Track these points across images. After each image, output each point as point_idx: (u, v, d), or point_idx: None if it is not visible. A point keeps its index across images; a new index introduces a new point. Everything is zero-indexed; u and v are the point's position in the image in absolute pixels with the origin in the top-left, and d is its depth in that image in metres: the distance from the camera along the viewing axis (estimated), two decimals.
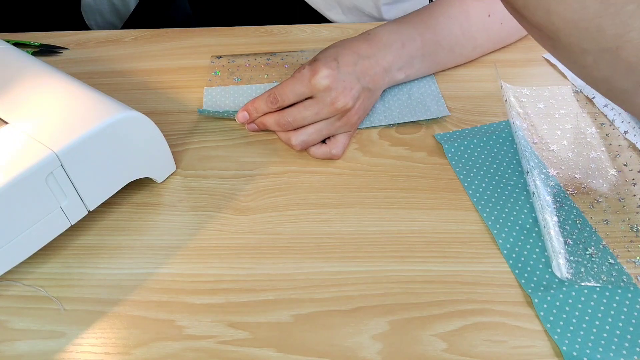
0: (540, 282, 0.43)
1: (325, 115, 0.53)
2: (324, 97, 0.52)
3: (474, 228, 0.48)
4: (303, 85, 0.52)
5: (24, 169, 0.41)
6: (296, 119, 0.53)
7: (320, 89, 0.52)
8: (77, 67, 0.68)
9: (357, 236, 0.48)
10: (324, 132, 0.54)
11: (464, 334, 0.41)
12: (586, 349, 0.39)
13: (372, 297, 0.43)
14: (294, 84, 0.53)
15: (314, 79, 0.52)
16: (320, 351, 0.40)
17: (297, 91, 0.53)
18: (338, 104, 0.52)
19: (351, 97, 0.53)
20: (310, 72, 0.52)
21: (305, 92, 0.53)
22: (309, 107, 0.53)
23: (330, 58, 0.54)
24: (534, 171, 0.51)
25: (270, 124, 0.55)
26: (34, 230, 0.43)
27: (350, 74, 0.53)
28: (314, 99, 0.53)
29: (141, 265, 0.46)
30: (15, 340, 0.42)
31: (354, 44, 0.56)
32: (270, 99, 0.54)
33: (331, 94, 0.52)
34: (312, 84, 0.52)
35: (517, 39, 0.69)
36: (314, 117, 0.53)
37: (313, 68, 0.53)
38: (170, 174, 0.54)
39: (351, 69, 0.54)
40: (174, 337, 0.41)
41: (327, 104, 0.52)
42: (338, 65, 0.53)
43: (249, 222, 0.49)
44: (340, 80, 0.52)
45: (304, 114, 0.53)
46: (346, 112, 0.53)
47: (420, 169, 0.53)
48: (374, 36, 0.57)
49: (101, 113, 0.46)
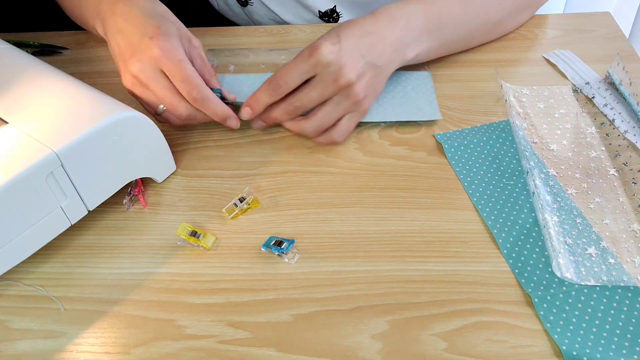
0: (540, 281, 0.43)
1: (331, 93, 0.52)
2: (327, 74, 0.51)
3: (473, 228, 0.48)
4: (305, 63, 0.51)
5: (24, 169, 0.41)
6: (303, 103, 0.52)
7: (322, 64, 0.50)
8: (77, 67, 0.68)
9: (357, 236, 0.48)
10: (332, 114, 0.53)
11: (464, 334, 0.41)
12: (586, 349, 0.39)
13: (372, 297, 0.43)
14: (295, 64, 0.51)
15: (315, 54, 0.50)
16: (320, 351, 0.40)
17: (299, 70, 0.51)
18: (342, 80, 0.51)
19: (355, 73, 0.51)
20: (311, 49, 0.51)
21: (308, 70, 0.51)
22: (313, 87, 0.51)
23: (333, 34, 0.52)
24: (534, 171, 0.51)
25: (278, 115, 0.54)
26: (34, 230, 0.43)
27: (353, 49, 0.52)
28: (317, 77, 0.51)
29: (141, 265, 0.46)
30: (15, 340, 0.42)
31: (359, 20, 0.55)
32: (272, 86, 0.52)
33: (334, 69, 0.50)
34: (314, 59, 0.50)
35: (512, 27, 0.69)
36: (320, 97, 0.52)
37: (314, 45, 0.51)
38: (170, 173, 0.54)
39: (353, 43, 0.52)
40: (174, 336, 0.42)
41: (331, 81, 0.51)
42: (340, 40, 0.51)
43: (249, 222, 0.49)
44: (343, 55, 0.51)
45: (310, 96, 0.52)
46: (351, 89, 0.52)
47: (420, 169, 0.53)
48: (378, 13, 0.56)
49: (101, 113, 0.46)
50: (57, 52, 0.70)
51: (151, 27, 0.50)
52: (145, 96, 0.52)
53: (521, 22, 0.70)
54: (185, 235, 0.46)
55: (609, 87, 0.60)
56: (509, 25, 0.68)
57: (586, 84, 0.61)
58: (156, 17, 0.52)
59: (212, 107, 0.52)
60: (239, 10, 0.82)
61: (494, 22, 0.66)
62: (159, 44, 0.49)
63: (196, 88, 0.50)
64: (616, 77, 0.60)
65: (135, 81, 0.51)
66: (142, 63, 0.50)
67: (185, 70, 0.50)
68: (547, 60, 0.65)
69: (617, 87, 0.59)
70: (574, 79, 0.62)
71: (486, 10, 0.64)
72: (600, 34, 0.68)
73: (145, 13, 0.52)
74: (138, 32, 0.50)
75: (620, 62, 0.59)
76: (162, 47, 0.49)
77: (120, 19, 0.52)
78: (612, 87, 0.60)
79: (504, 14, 0.66)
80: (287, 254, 0.46)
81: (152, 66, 0.50)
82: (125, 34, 0.51)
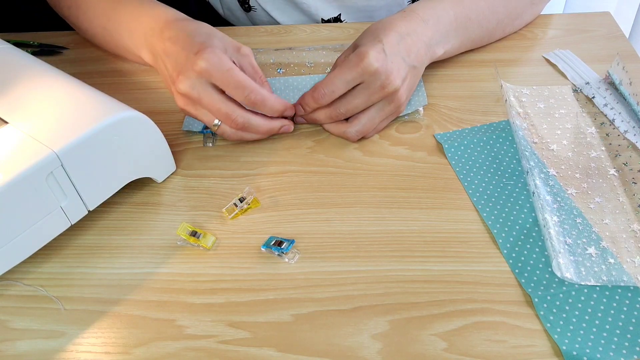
0: (540, 281, 0.43)
1: (376, 99, 0.53)
2: (373, 82, 0.51)
3: (473, 228, 0.48)
4: (352, 72, 0.51)
5: (24, 169, 0.41)
6: (348, 110, 0.53)
7: (369, 72, 0.51)
8: (77, 67, 0.68)
9: (357, 236, 0.48)
10: (376, 119, 0.54)
11: (464, 334, 0.41)
12: (586, 349, 0.39)
13: (372, 297, 0.43)
14: (342, 73, 0.52)
15: (362, 63, 0.50)
16: (320, 351, 0.40)
17: (346, 79, 0.51)
18: (389, 87, 0.52)
19: (400, 79, 0.52)
20: (358, 58, 0.51)
21: (355, 78, 0.51)
22: (359, 95, 0.52)
23: (375, 40, 0.52)
24: (534, 171, 0.51)
25: (321, 118, 0.55)
26: (34, 230, 0.43)
27: (396, 55, 0.52)
28: (363, 84, 0.52)
29: (141, 265, 0.46)
30: (15, 340, 0.42)
31: (393, 22, 0.55)
32: (318, 94, 0.53)
33: (381, 78, 0.51)
34: (361, 68, 0.51)
35: (530, 18, 0.70)
36: (365, 104, 0.53)
37: (360, 53, 0.51)
38: (170, 173, 0.54)
39: (396, 49, 0.53)
40: (174, 336, 0.42)
41: (377, 88, 0.52)
42: (383, 46, 0.52)
43: (249, 222, 0.49)
44: (389, 62, 0.51)
45: (355, 103, 0.53)
46: (396, 94, 0.53)
47: (420, 169, 0.53)
48: (410, 13, 0.57)
49: (101, 113, 0.46)
50: (57, 52, 0.70)
51: (196, 45, 0.50)
52: (200, 114, 0.52)
53: (537, 14, 0.71)
54: (185, 235, 0.46)
55: (609, 87, 0.60)
56: (527, 17, 0.69)
57: (586, 84, 0.61)
58: (201, 35, 0.52)
59: (271, 105, 0.53)
60: (242, 15, 0.82)
61: (514, 15, 0.67)
62: (204, 57, 0.49)
63: (253, 91, 0.50)
64: (616, 77, 0.60)
65: (186, 100, 0.51)
66: (191, 80, 0.49)
67: (237, 77, 0.50)
68: (547, 60, 0.65)
69: (617, 87, 0.59)
70: (574, 79, 0.62)
71: (508, 4, 0.65)
72: (600, 34, 0.68)
73: (190, 34, 0.52)
74: (184, 52, 0.50)
75: (620, 62, 0.59)
76: (208, 60, 0.49)
77: (169, 43, 0.52)
78: (612, 87, 0.60)
79: (524, 6, 0.67)
80: (287, 254, 0.46)
81: (201, 81, 0.50)
82: (172, 56, 0.51)
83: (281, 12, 0.78)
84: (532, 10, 0.69)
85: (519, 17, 0.68)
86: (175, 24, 0.54)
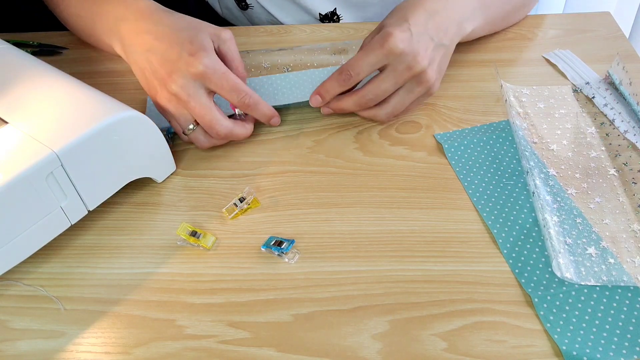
0: (540, 281, 0.43)
1: (404, 81, 0.52)
2: (399, 63, 0.50)
3: (473, 228, 0.48)
4: (376, 54, 0.50)
5: (24, 169, 0.41)
6: (377, 95, 0.52)
7: (395, 54, 0.50)
8: (77, 67, 0.68)
9: (357, 236, 0.48)
10: (406, 101, 0.54)
11: (464, 334, 0.41)
12: (586, 349, 0.39)
13: (372, 297, 0.43)
14: (366, 54, 0.51)
15: (387, 44, 0.50)
16: (320, 351, 0.40)
17: (371, 61, 0.51)
18: (416, 68, 0.51)
19: (427, 59, 0.51)
20: (382, 39, 0.50)
21: (380, 60, 0.51)
22: (386, 78, 0.51)
23: (401, 20, 0.51)
24: (534, 171, 0.51)
25: (349, 107, 0.54)
26: (34, 230, 0.43)
27: (423, 34, 0.51)
28: (389, 67, 0.51)
29: (141, 265, 0.46)
30: (15, 340, 0.42)
31: (421, 1, 0.54)
32: (343, 77, 0.52)
33: (407, 59, 0.50)
34: (386, 49, 0.50)
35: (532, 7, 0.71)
36: (394, 87, 0.52)
37: (384, 34, 0.50)
38: (170, 173, 0.54)
39: (423, 28, 0.52)
40: (174, 336, 0.42)
41: (404, 70, 0.51)
42: (409, 26, 0.51)
43: (249, 222, 0.49)
44: (415, 42, 0.50)
45: (383, 87, 0.52)
46: (424, 75, 0.52)
47: (420, 169, 0.53)
48: None
49: (101, 113, 0.46)
50: (57, 52, 0.70)
51: (187, 44, 0.50)
52: (179, 115, 0.52)
53: (531, 9, 0.71)
54: (185, 235, 0.46)
55: (609, 87, 0.60)
56: (527, 9, 0.70)
57: (586, 84, 0.61)
58: (186, 30, 0.51)
59: (262, 110, 0.54)
60: (240, 14, 0.82)
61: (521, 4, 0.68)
62: (201, 61, 0.49)
63: (247, 95, 0.51)
64: (616, 77, 0.60)
65: (172, 98, 0.51)
66: (185, 80, 0.49)
67: (232, 81, 0.50)
68: (547, 60, 0.65)
69: (617, 87, 0.59)
70: (574, 79, 0.62)
71: None
72: (600, 34, 0.68)
73: (173, 29, 0.51)
74: (173, 50, 0.50)
75: (620, 62, 0.59)
76: (205, 64, 0.49)
77: (149, 37, 0.51)
78: (612, 87, 0.60)
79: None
80: (287, 254, 0.46)
81: (195, 83, 0.49)
82: (158, 52, 0.50)
83: (279, 8, 0.78)
84: (531, 4, 0.70)
85: (525, 6, 0.69)
86: (150, 15, 0.53)
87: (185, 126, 0.52)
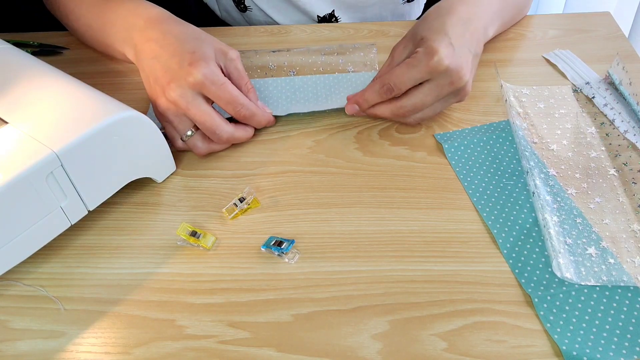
0: (540, 281, 0.43)
1: (445, 95, 0.52)
2: (443, 78, 0.51)
3: (473, 228, 0.48)
4: (420, 70, 0.50)
5: (24, 169, 0.41)
6: (416, 106, 0.52)
7: (439, 71, 0.50)
8: (77, 67, 0.68)
9: (357, 236, 0.48)
10: (438, 110, 0.54)
11: (464, 334, 0.41)
12: (586, 349, 0.39)
13: (372, 297, 0.43)
14: (410, 70, 0.51)
15: (432, 62, 0.50)
16: (320, 351, 0.40)
17: (415, 77, 0.51)
18: (459, 83, 0.51)
19: (469, 72, 0.52)
20: (427, 56, 0.50)
21: (424, 76, 0.51)
22: (429, 93, 0.52)
23: (442, 33, 0.51)
24: (534, 171, 0.51)
25: (384, 114, 0.55)
26: (34, 230, 0.43)
27: (463, 47, 0.52)
28: (431, 82, 0.51)
29: (141, 265, 0.46)
30: (15, 340, 0.42)
31: (454, 7, 0.54)
32: (385, 89, 0.52)
33: (451, 74, 0.50)
34: (431, 67, 0.50)
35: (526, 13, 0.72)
36: (434, 101, 0.52)
37: (428, 50, 0.50)
38: (170, 173, 0.54)
39: (462, 40, 0.52)
40: (174, 336, 0.42)
41: (447, 85, 0.51)
42: (451, 40, 0.51)
43: (249, 222, 0.49)
44: (457, 57, 0.51)
45: (425, 100, 0.52)
46: (464, 88, 0.52)
47: (420, 169, 0.53)
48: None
49: (101, 113, 0.46)
50: (57, 52, 0.70)
51: (188, 54, 0.50)
52: (177, 122, 0.52)
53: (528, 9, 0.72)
54: (185, 235, 0.46)
55: (609, 87, 0.60)
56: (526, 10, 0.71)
57: (586, 84, 0.61)
58: (191, 41, 0.52)
59: (258, 120, 0.55)
60: (238, 16, 0.82)
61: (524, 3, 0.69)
62: (200, 71, 0.49)
63: (244, 107, 0.52)
64: (616, 77, 0.60)
65: (171, 105, 0.51)
66: (183, 89, 0.50)
67: (230, 93, 0.51)
68: (547, 60, 0.65)
69: (617, 87, 0.59)
70: (574, 79, 0.62)
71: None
72: (600, 34, 0.68)
73: (179, 39, 0.52)
74: (175, 59, 0.50)
75: (620, 62, 0.59)
76: (204, 74, 0.49)
77: (155, 45, 0.52)
78: (612, 87, 0.60)
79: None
80: (287, 254, 0.46)
81: (193, 92, 0.50)
82: (162, 60, 0.51)
83: (277, 10, 0.78)
84: (528, 5, 0.71)
85: (525, 7, 0.70)
86: (160, 24, 0.54)
87: (184, 132, 0.52)
